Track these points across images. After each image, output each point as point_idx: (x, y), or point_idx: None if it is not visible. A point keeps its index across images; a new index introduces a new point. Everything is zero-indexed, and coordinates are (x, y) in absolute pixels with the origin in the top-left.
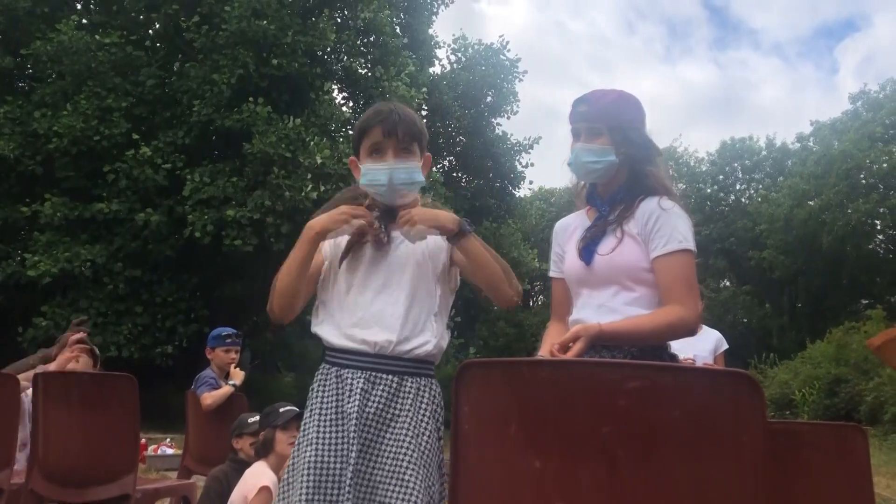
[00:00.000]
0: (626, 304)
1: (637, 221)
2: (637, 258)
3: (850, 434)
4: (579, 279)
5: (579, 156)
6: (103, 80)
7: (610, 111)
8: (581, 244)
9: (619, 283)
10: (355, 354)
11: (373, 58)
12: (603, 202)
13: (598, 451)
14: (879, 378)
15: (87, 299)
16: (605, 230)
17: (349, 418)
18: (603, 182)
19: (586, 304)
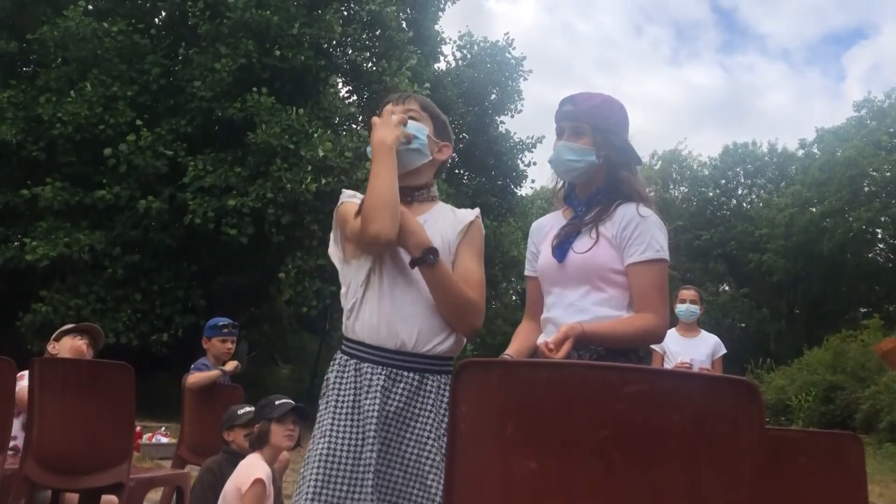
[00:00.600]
0: (596, 304)
1: (614, 225)
2: (610, 260)
3: (846, 443)
4: (551, 277)
5: (561, 153)
6: (108, 67)
7: (595, 113)
8: (555, 242)
9: (590, 283)
10: (376, 349)
11: (378, 51)
12: (580, 202)
13: (595, 454)
14: (875, 386)
15: (86, 285)
16: (579, 230)
17: (368, 416)
18: (581, 182)
19: (557, 303)
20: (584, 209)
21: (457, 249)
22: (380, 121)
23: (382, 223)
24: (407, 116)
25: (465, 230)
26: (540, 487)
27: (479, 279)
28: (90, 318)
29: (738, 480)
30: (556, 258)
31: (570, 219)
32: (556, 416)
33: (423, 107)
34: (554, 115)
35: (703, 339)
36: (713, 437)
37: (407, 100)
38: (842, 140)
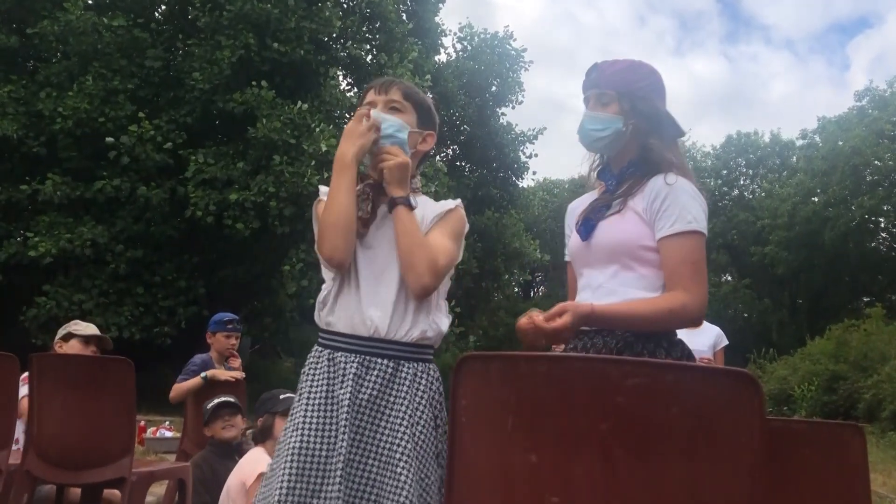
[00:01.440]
0: (626, 286)
1: (644, 198)
2: (639, 235)
3: (848, 433)
4: (580, 258)
5: (585, 123)
6: (109, 61)
7: (620, 78)
8: (580, 218)
9: (618, 262)
10: (349, 337)
11: (378, 44)
12: (612, 176)
13: (595, 447)
14: (878, 376)
15: (88, 279)
16: (609, 204)
17: (340, 404)
18: (614, 155)
19: (586, 286)
20: (616, 183)
21: (431, 228)
22: (347, 130)
23: (335, 245)
24: (380, 121)
25: (442, 214)
26: (540, 480)
27: (445, 248)
28: (93, 313)
29: (738, 472)
30: (581, 236)
31: (601, 193)
32: (556, 410)
33: (405, 95)
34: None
35: (704, 330)
36: (713, 429)
37: (389, 88)
38: (844, 129)
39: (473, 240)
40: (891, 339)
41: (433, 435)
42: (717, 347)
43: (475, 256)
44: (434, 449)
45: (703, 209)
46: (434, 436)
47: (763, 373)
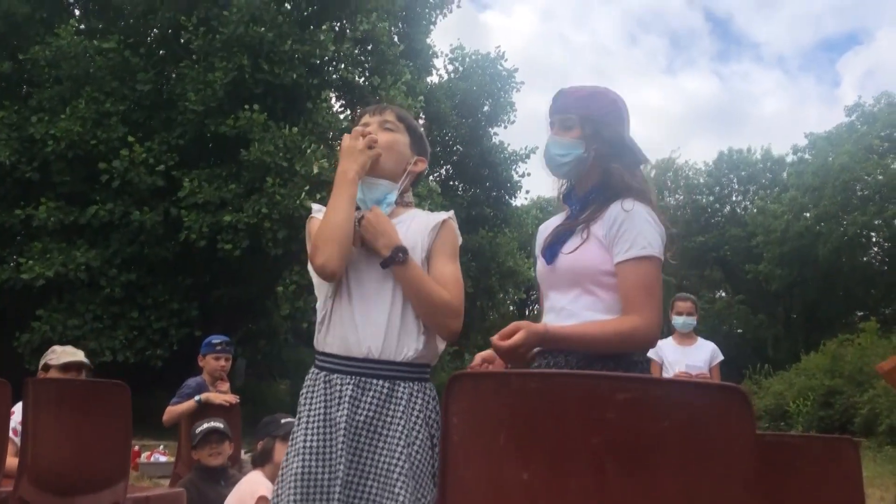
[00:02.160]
0: (586, 309)
1: (604, 224)
2: (600, 260)
3: (843, 447)
4: (545, 281)
5: (549, 147)
6: (101, 84)
7: (583, 104)
8: (545, 243)
9: (580, 286)
10: (343, 359)
11: (370, 67)
12: (576, 201)
13: (587, 463)
14: (874, 390)
15: (82, 303)
16: (572, 230)
17: (337, 426)
18: (578, 180)
19: (550, 308)
20: (579, 208)
21: (430, 251)
22: (346, 147)
23: (329, 256)
24: (375, 140)
25: (437, 230)
26: (532, 497)
27: (455, 279)
28: (87, 337)
29: (730, 486)
30: (546, 260)
31: (565, 219)
32: (547, 426)
33: (399, 118)
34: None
35: (700, 346)
36: (705, 443)
37: (384, 111)
38: (834, 145)
39: (468, 259)
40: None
41: (429, 454)
42: (712, 363)
43: (469, 275)
44: (430, 469)
45: (659, 234)
46: (430, 455)
47: (759, 388)
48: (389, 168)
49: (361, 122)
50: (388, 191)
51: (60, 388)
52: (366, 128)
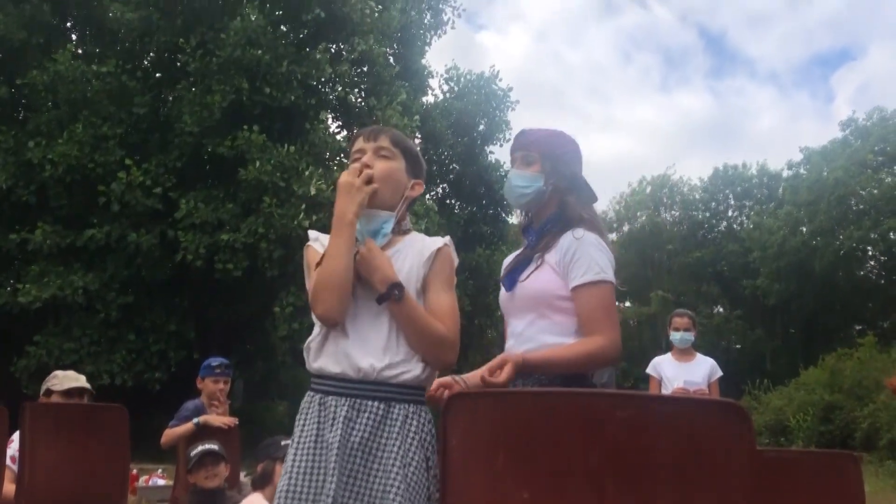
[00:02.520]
0: (541, 332)
1: (557, 252)
2: (555, 286)
3: (844, 462)
4: (506, 308)
5: (511, 180)
6: (98, 108)
7: (545, 141)
8: (505, 272)
9: (536, 311)
10: (339, 381)
11: (367, 87)
12: (533, 232)
13: (587, 480)
14: (874, 404)
15: (79, 327)
16: (529, 258)
17: (330, 448)
18: (535, 212)
19: (511, 334)
20: (536, 239)
21: (426, 281)
22: (344, 184)
23: (330, 306)
24: (372, 174)
25: (433, 259)
26: None
27: (451, 310)
28: (85, 361)
29: (730, 502)
30: (506, 288)
31: (523, 248)
32: (546, 445)
33: (394, 142)
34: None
35: (698, 362)
36: (704, 460)
37: (378, 136)
38: (828, 160)
39: (465, 277)
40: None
41: (425, 476)
42: (711, 379)
43: (467, 294)
44: (426, 491)
45: (609, 260)
46: (426, 477)
47: (758, 404)
48: (387, 198)
49: (355, 147)
50: (385, 220)
51: (58, 412)
52: (362, 156)
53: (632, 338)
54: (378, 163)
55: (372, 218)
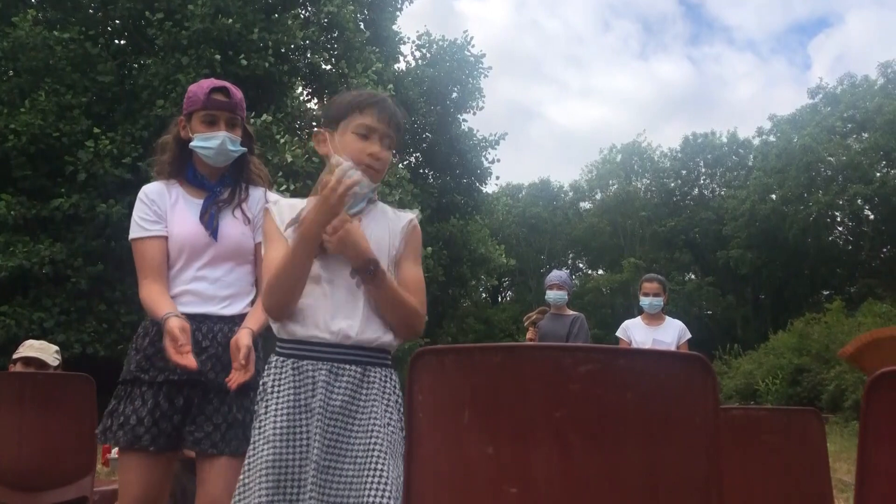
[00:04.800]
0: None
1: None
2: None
3: (806, 418)
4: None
5: (226, 143)
6: (61, 76)
7: (242, 105)
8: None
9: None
10: (315, 345)
11: (337, 53)
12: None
13: (551, 435)
14: (840, 367)
15: (48, 297)
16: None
17: (311, 412)
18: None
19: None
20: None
21: (400, 255)
22: (325, 196)
23: (278, 304)
24: (357, 181)
25: (408, 233)
26: (498, 472)
27: (421, 284)
28: (54, 331)
29: (694, 454)
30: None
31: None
32: (511, 400)
33: (400, 129)
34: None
35: (667, 325)
36: (667, 412)
37: (391, 120)
38: (797, 127)
39: (439, 247)
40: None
41: (400, 436)
42: (680, 341)
43: (441, 264)
44: (402, 451)
45: (136, 216)
46: (401, 438)
47: (729, 368)
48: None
49: (366, 121)
50: (364, 199)
51: (22, 382)
52: (370, 136)
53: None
54: (384, 154)
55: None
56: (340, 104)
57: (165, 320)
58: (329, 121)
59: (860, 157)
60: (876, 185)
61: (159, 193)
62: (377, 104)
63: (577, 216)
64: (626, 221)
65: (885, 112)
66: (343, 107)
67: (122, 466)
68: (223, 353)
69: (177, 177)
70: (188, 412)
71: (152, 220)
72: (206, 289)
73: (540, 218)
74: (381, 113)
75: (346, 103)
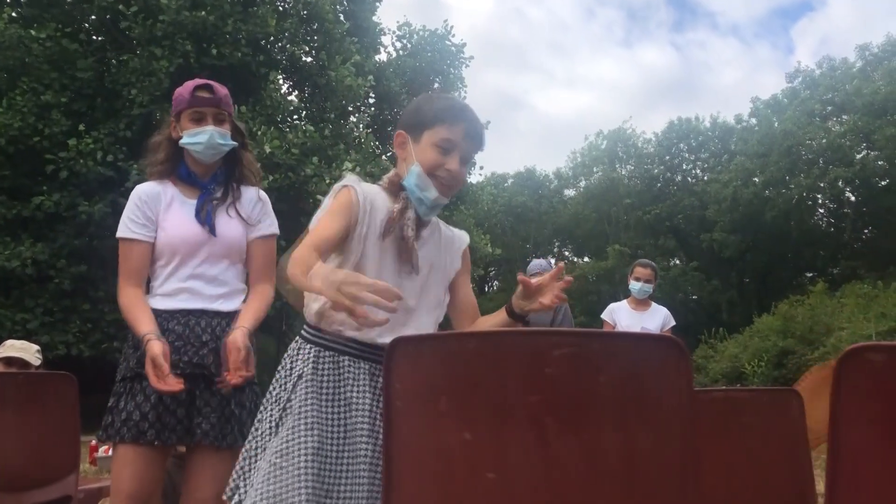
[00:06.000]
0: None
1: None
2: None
3: (787, 398)
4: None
5: (215, 137)
6: (39, 75)
7: (228, 101)
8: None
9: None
10: (361, 344)
11: (317, 45)
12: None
13: (528, 420)
14: (824, 348)
15: (31, 298)
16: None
17: (355, 409)
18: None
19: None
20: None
21: (458, 274)
22: (343, 295)
23: (293, 289)
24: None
25: (465, 253)
26: (476, 457)
27: (476, 308)
28: (38, 332)
29: (669, 436)
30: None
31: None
32: (487, 386)
33: (481, 145)
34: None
35: (653, 311)
36: (643, 395)
37: (475, 140)
38: (777, 111)
39: None
40: (834, 312)
41: None
42: (665, 327)
43: None
44: None
45: (126, 215)
46: None
47: (715, 352)
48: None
49: (451, 136)
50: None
51: (2, 382)
52: (451, 149)
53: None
54: (462, 172)
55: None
56: (428, 111)
57: (147, 342)
58: (412, 125)
59: (840, 139)
60: (857, 167)
61: (154, 195)
62: (467, 121)
63: (561, 204)
64: (611, 208)
65: (864, 94)
66: (431, 114)
67: (119, 461)
68: (210, 348)
69: (169, 176)
70: (192, 405)
71: (141, 223)
72: (202, 286)
73: (525, 207)
74: (468, 129)
75: (435, 112)
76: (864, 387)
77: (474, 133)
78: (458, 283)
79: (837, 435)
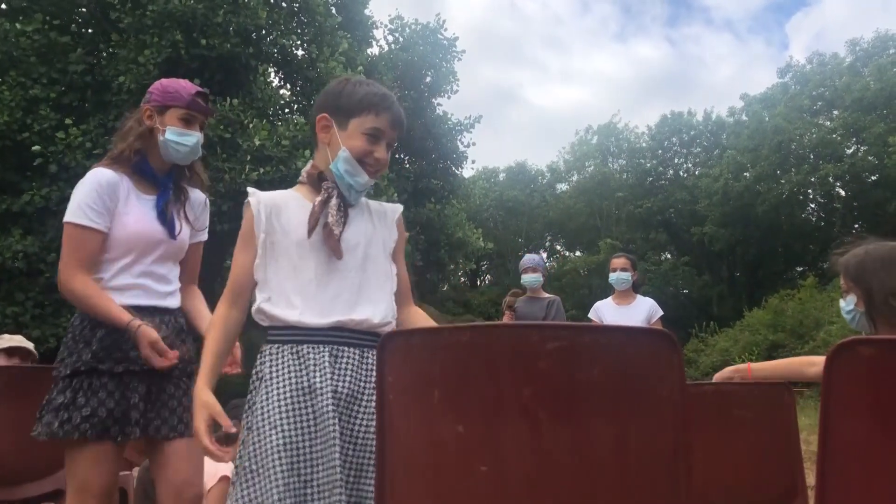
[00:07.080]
0: None
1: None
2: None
3: (778, 392)
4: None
5: (198, 145)
6: (27, 69)
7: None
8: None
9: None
10: (315, 329)
11: (308, 38)
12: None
13: (520, 413)
14: (814, 342)
15: (22, 291)
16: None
17: (320, 394)
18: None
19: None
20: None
21: (393, 250)
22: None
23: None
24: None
25: (400, 225)
26: (469, 450)
27: (408, 283)
28: (29, 325)
29: (661, 428)
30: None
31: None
32: (479, 379)
33: (402, 130)
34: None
35: (638, 304)
36: (634, 388)
37: (398, 127)
38: (768, 106)
39: (416, 232)
40: (824, 306)
41: None
42: (652, 319)
43: (419, 249)
44: None
45: (84, 200)
46: None
47: (706, 346)
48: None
49: (378, 124)
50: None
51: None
52: (379, 137)
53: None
54: (386, 157)
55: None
56: (354, 97)
57: (138, 328)
58: (336, 109)
59: (830, 135)
60: (847, 163)
61: (114, 185)
62: (393, 109)
63: (553, 198)
64: (603, 202)
65: (854, 90)
66: (357, 102)
67: (83, 459)
68: (174, 340)
69: (129, 166)
70: (152, 399)
71: (99, 211)
72: (153, 284)
73: (517, 201)
74: (394, 118)
75: (361, 99)
76: (854, 380)
77: (399, 121)
78: (394, 258)
79: (828, 427)
